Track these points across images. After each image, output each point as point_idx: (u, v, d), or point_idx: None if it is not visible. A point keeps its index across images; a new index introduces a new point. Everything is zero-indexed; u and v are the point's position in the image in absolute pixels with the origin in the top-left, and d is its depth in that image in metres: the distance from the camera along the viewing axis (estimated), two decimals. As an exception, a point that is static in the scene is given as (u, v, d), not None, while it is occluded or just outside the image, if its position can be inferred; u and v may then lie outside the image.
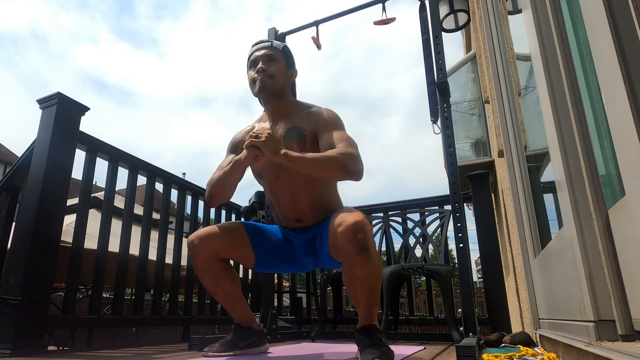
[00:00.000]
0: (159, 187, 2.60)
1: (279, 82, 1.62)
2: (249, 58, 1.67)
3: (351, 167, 1.39)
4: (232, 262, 1.64)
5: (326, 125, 1.54)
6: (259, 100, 1.69)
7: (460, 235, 1.92)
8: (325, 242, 1.43)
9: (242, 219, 3.29)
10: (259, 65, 1.60)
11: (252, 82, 1.61)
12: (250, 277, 3.38)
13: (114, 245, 2.18)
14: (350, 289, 1.37)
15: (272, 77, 1.60)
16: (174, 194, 2.72)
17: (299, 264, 1.65)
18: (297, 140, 1.55)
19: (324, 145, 1.49)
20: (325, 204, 1.57)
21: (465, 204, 2.76)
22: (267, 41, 1.69)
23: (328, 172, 1.42)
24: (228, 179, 1.50)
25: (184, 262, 2.69)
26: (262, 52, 1.64)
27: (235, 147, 1.67)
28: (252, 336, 1.62)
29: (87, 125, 1.95)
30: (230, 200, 3.20)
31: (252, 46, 1.70)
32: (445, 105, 2.09)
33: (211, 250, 1.50)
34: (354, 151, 1.43)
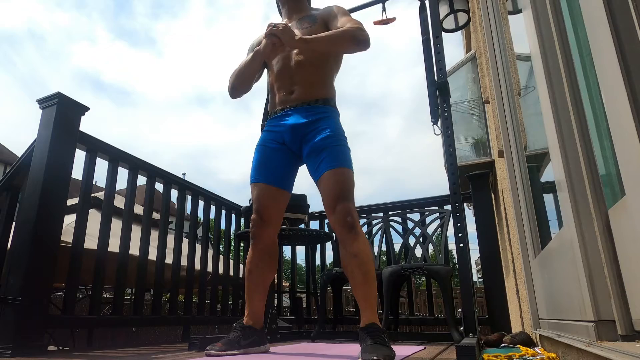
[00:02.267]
0: (159, 187, 2.60)
1: None
2: None
3: (359, 36, 1.61)
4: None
5: (335, 13, 1.76)
6: (277, 2, 1.94)
7: (460, 235, 1.92)
8: (316, 137, 1.61)
9: (242, 219, 3.29)
10: None
11: None
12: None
13: (114, 245, 2.18)
14: (347, 271, 1.53)
15: None
16: (174, 194, 2.73)
17: (295, 155, 1.73)
18: (308, 21, 1.78)
19: (333, 27, 1.70)
20: (318, 79, 1.72)
21: (465, 204, 2.76)
22: None
23: (341, 44, 1.64)
24: (248, 68, 1.73)
25: (184, 262, 2.69)
26: None
27: (255, 46, 1.82)
28: (254, 335, 1.63)
29: (85, 124, 1.96)
30: (230, 200, 3.21)
31: None
32: (445, 105, 2.09)
33: (276, 227, 1.70)
34: (360, 25, 1.65)
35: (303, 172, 1.74)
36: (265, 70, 1.89)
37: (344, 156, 1.60)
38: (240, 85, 1.77)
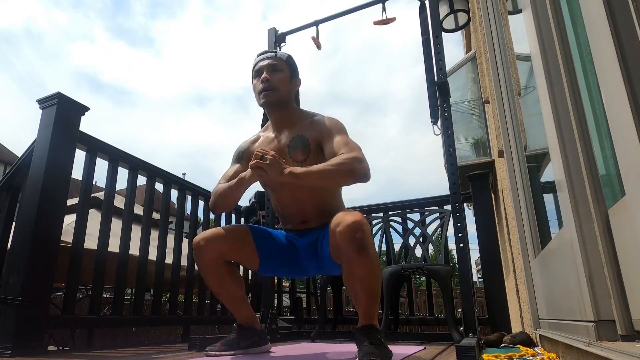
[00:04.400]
0: (159, 187, 2.60)
1: (283, 92, 1.64)
2: (253, 68, 1.70)
3: (357, 170, 1.41)
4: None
5: (329, 132, 1.56)
6: (264, 110, 1.73)
7: (460, 235, 1.92)
8: (327, 244, 1.44)
9: (242, 219, 3.30)
10: (263, 75, 1.63)
11: (257, 92, 1.65)
12: (250, 277, 3.38)
13: (114, 245, 2.18)
14: (350, 289, 1.38)
15: (276, 88, 1.62)
16: (174, 194, 2.73)
17: (301, 268, 1.66)
18: (301, 149, 1.58)
19: (328, 152, 1.52)
20: (330, 208, 1.58)
21: (465, 204, 2.76)
22: (272, 51, 1.73)
23: (335, 180, 1.46)
24: (232, 192, 1.54)
25: (184, 262, 2.69)
26: (267, 62, 1.66)
27: (240, 157, 1.70)
28: (254, 336, 1.63)
29: (84, 124, 1.96)
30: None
31: (257, 56, 1.73)
32: (445, 105, 2.09)
33: (216, 252, 1.51)
34: (358, 154, 1.45)
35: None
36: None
37: None
38: (222, 207, 1.60)
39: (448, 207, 2.66)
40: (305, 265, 1.63)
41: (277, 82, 1.62)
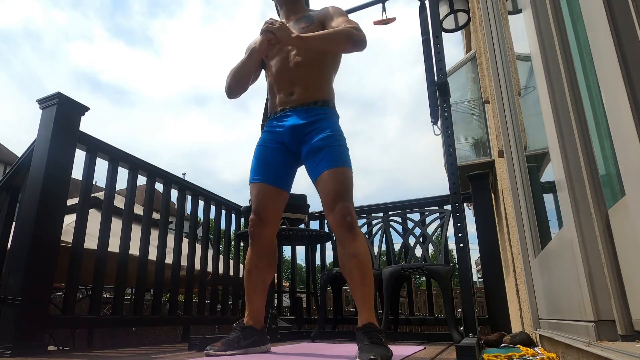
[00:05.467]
0: (159, 187, 2.60)
1: None
2: None
3: (355, 36, 1.61)
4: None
5: (332, 14, 1.76)
6: (275, 4, 1.96)
7: (460, 235, 1.92)
8: (315, 138, 1.61)
9: (242, 219, 3.29)
10: None
11: None
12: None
13: (114, 245, 2.18)
14: (345, 270, 1.52)
15: None
16: (174, 194, 2.73)
17: (294, 156, 1.73)
18: (305, 21, 1.78)
19: (330, 27, 1.70)
20: (317, 83, 1.73)
21: (465, 204, 2.76)
22: None
23: (337, 43, 1.65)
24: (245, 67, 1.75)
25: (184, 262, 2.69)
26: None
27: (251, 48, 1.80)
28: (254, 336, 1.63)
29: (84, 124, 1.96)
30: (230, 200, 3.21)
31: None
32: (445, 105, 2.08)
33: (274, 227, 1.70)
34: (356, 24, 1.65)
35: (303, 172, 1.74)
36: (264, 72, 1.89)
37: (343, 156, 1.60)
38: (236, 84, 1.77)
39: (448, 207, 2.66)
40: (294, 150, 1.71)
41: None
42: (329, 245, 3.34)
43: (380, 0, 2.42)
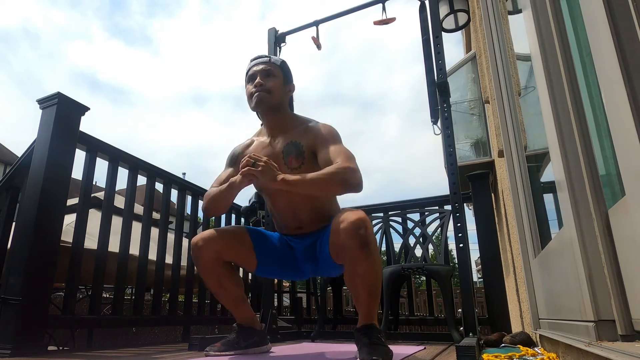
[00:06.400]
0: (159, 187, 2.60)
1: (277, 97, 1.62)
2: (247, 73, 1.68)
3: (351, 180, 1.40)
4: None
5: (324, 140, 1.55)
6: (257, 114, 1.71)
7: (460, 235, 1.92)
8: (326, 245, 1.44)
9: (243, 219, 3.29)
10: (256, 80, 1.61)
11: (250, 96, 1.63)
12: (250, 277, 3.38)
13: (114, 245, 2.18)
14: (351, 287, 1.37)
15: (269, 92, 1.60)
16: (174, 194, 2.72)
17: (299, 271, 1.66)
18: (295, 156, 1.56)
19: (322, 160, 1.51)
20: (325, 213, 1.58)
21: (465, 204, 2.76)
22: (265, 56, 1.71)
23: (328, 189, 1.45)
24: (224, 196, 1.52)
25: (184, 262, 2.69)
26: (260, 67, 1.65)
27: (234, 161, 1.69)
28: (254, 336, 1.63)
29: (83, 124, 1.96)
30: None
31: (250, 61, 1.71)
32: (445, 105, 2.08)
33: (215, 252, 1.50)
34: (352, 164, 1.43)
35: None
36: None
37: None
38: (214, 210, 1.60)
39: (448, 207, 2.66)
40: (303, 268, 1.63)
41: (270, 86, 1.61)
42: (329, 245, 3.34)
43: (380, 0, 2.43)
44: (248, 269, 1.68)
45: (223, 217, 3.15)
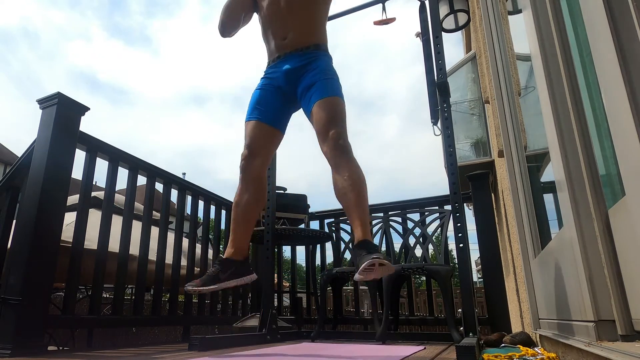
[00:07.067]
0: (159, 187, 2.60)
1: None
2: None
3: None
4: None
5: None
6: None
7: (460, 235, 1.92)
8: (307, 76, 1.66)
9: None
10: None
11: None
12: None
13: (114, 245, 2.18)
14: (340, 195, 1.51)
15: None
16: (174, 194, 2.72)
17: (290, 99, 1.77)
18: None
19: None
20: (311, 28, 1.76)
21: (465, 204, 2.76)
22: None
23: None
24: None
25: (184, 262, 2.69)
26: None
27: None
28: (232, 267, 1.62)
29: (83, 124, 1.95)
30: (230, 200, 3.20)
31: None
32: (445, 105, 2.08)
33: (264, 161, 1.73)
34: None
35: (303, 169, 1.76)
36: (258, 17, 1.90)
37: (333, 87, 1.66)
38: (228, 18, 1.82)
39: (448, 207, 2.66)
40: (288, 92, 1.74)
41: None
42: (329, 246, 3.34)
43: (381, 0, 2.42)
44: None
45: (223, 215, 3.15)
